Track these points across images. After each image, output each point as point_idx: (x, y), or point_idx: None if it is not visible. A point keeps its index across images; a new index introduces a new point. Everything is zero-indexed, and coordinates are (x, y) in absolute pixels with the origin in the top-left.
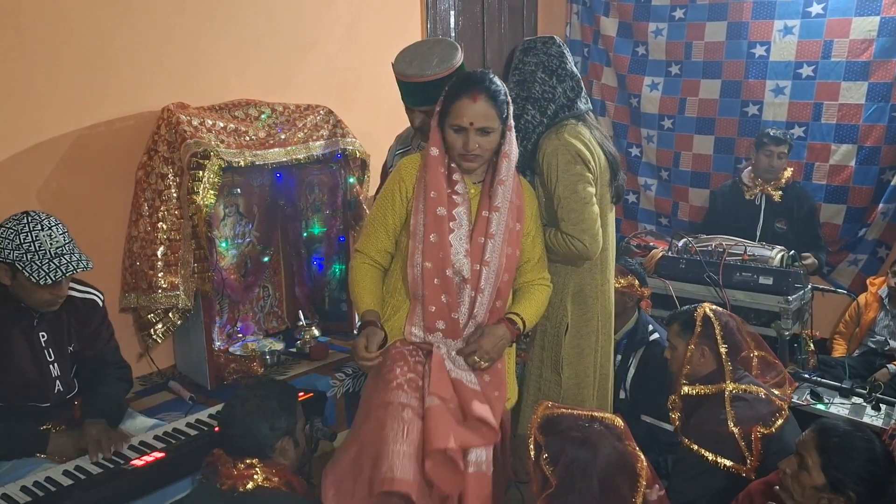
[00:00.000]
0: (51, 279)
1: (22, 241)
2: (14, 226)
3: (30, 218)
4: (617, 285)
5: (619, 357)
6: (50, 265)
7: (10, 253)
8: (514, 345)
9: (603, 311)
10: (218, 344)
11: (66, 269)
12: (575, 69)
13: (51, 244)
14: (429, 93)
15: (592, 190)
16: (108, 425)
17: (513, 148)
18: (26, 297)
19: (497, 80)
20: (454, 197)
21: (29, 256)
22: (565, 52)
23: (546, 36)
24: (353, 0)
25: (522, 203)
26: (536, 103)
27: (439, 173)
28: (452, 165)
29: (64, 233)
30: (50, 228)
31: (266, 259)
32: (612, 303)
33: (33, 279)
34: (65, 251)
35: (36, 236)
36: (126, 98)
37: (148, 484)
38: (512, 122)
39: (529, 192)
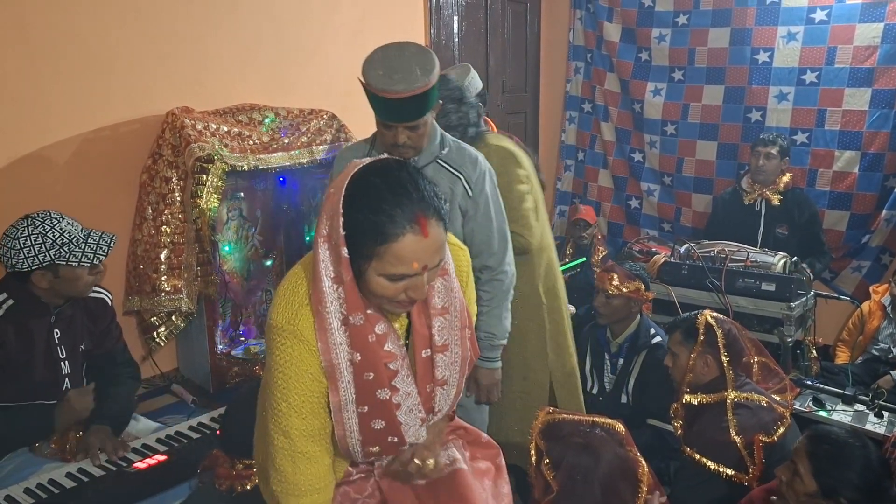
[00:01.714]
0: (102, 254)
1: (54, 239)
2: (31, 231)
3: (40, 218)
4: (625, 290)
5: (621, 361)
6: (88, 246)
7: (45, 256)
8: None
9: (563, 293)
10: (220, 347)
11: (105, 243)
12: (473, 99)
13: (74, 230)
14: (417, 106)
15: (525, 187)
16: (114, 430)
17: (449, 256)
18: (70, 289)
19: (421, 173)
20: (390, 365)
21: (67, 248)
22: (460, 85)
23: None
24: (357, 5)
25: (461, 287)
26: (455, 130)
27: (374, 347)
28: (370, 312)
29: (73, 218)
30: (63, 218)
31: (269, 263)
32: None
33: (84, 263)
34: (88, 230)
35: (62, 229)
36: (131, 102)
37: (150, 486)
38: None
39: (461, 256)
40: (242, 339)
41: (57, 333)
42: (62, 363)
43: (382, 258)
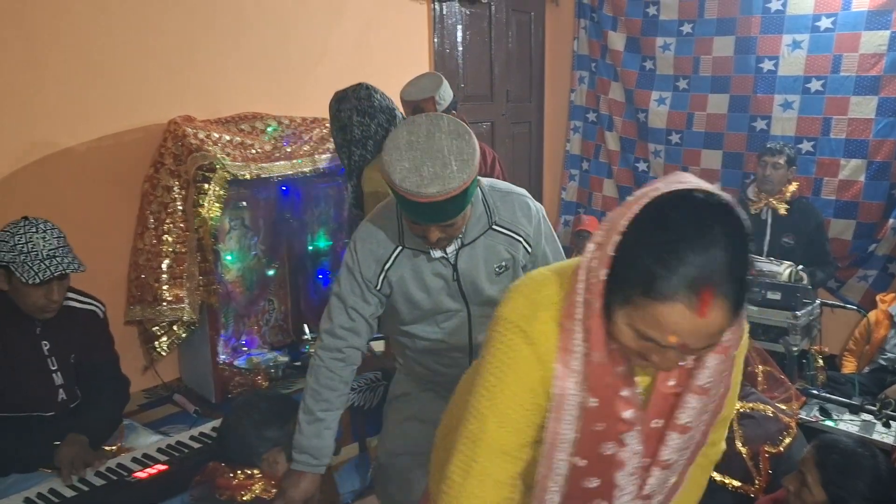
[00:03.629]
0: (39, 278)
1: (16, 243)
2: (11, 229)
3: (26, 222)
4: None
5: None
6: (41, 266)
7: (3, 255)
8: None
9: None
10: (223, 357)
11: (54, 270)
12: (386, 102)
13: (43, 246)
14: (454, 207)
15: None
16: (91, 444)
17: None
18: (22, 301)
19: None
20: (625, 414)
21: (22, 258)
22: (372, 92)
23: (355, 84)
24: (361, 14)
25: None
26: (359, 144)
27: (610, 392)
28: (614, 348)
29: (59, 237)
30: (45, 232)
31: (271, 272)
32: None
33: (24, 279)
34: (57, 254)
35: (29, 238)
36: (133, 111)
37: (151, 496)
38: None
39: (743, 337)
40: (245, 348)
41: (46, 345)
42: (54, 374)
43: (639, 310)
